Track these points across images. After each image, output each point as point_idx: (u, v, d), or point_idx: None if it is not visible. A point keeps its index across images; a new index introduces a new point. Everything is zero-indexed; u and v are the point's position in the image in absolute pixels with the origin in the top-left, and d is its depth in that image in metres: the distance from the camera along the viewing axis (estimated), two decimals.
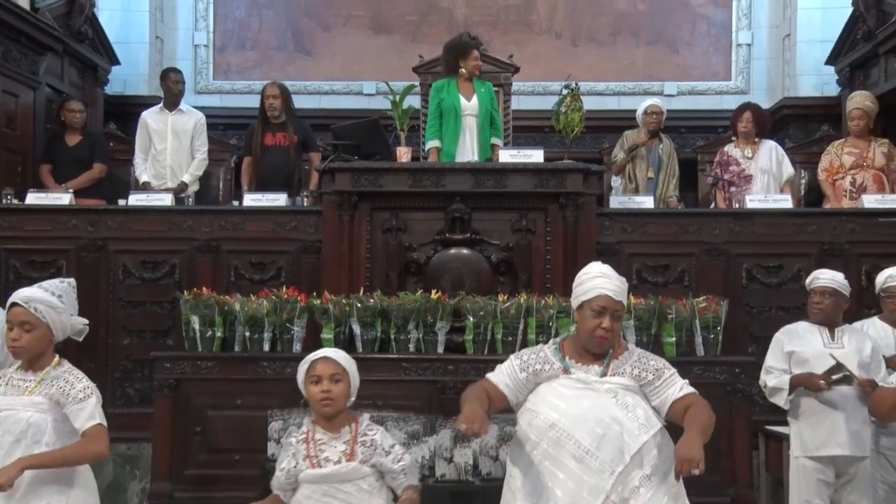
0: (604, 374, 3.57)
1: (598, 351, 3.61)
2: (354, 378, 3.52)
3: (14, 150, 8.42)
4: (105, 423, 3.74)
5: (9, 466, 3.49)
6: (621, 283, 3.63)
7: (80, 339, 3.94)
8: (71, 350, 6.01)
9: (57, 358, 3.81)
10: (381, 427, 3.57)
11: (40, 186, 7.89)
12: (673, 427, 3.52)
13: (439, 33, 9.50)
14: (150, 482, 5.65)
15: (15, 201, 7.32)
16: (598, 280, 3.60)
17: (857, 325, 5.54)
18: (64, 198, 7.36)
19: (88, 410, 3.69)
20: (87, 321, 3.94)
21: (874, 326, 5.55)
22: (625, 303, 3.63)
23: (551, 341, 3.80)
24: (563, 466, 3.40)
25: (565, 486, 3.38)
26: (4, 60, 8.20)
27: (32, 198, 7.30)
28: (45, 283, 3.83)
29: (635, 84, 10.60)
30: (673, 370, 3.62)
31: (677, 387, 3.56)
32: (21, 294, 3.72)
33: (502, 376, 3.66)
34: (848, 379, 4.93)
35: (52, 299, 3.72)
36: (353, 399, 3.53)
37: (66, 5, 9.32)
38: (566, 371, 3.59)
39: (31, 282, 6.82)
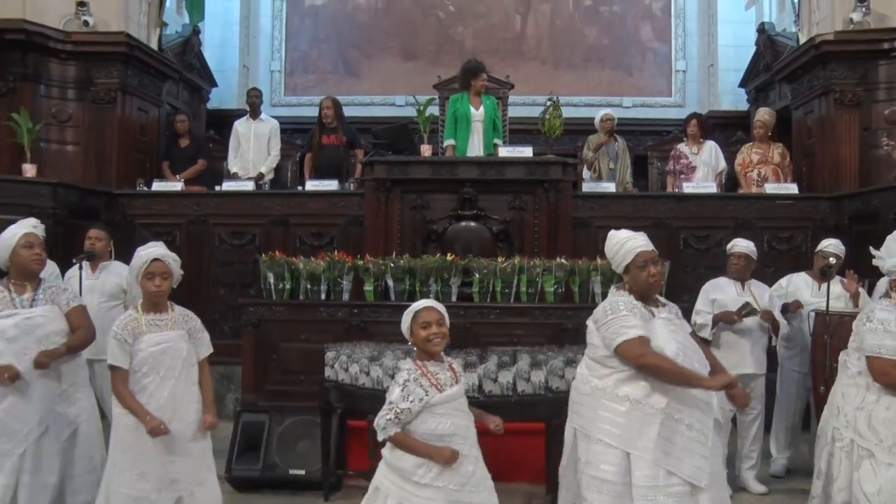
0: (670, 314, 3.42)
1: (656, 293, 3.45)
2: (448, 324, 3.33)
3: (144, 151, 8.50)
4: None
5: (212, 412, 3.76)
6: (642, 235, 3.45)
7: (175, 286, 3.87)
8: (184, 297, 6.09)
9: (169, 302, 3.79)
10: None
11: (162, 177, 7.95)
12: None
13: (453, 59, 9.37)
14: (241, 394, 5.64)
15: (145, 188, 7.54)
16: (628, 243, 3.39)
17: (787, 277, 5.73)
18: (177, 185, 7.59)
19: (206, 342, 3.86)
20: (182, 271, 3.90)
21: (800, 278, 5.66)
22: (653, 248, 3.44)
23: (625, 295, 3.38)
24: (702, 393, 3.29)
25: (697, 396, 3.26)
26: (139, 87, 8.36)
27: (156, 186, 7.57)
28: (151, 244, 3.81)
29: (601, 98, 10.47)
30: None
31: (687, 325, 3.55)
32: (158, 251, 3.69)
33: (642, 328, 3.26)
34: (754, 311, 5.12)
35: (173, 255, 3.77)
36: None
37: (181, 45, 9.45)
38: (653, 315, 3.35)
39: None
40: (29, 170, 6.89)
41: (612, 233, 3.52)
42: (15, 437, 3.71)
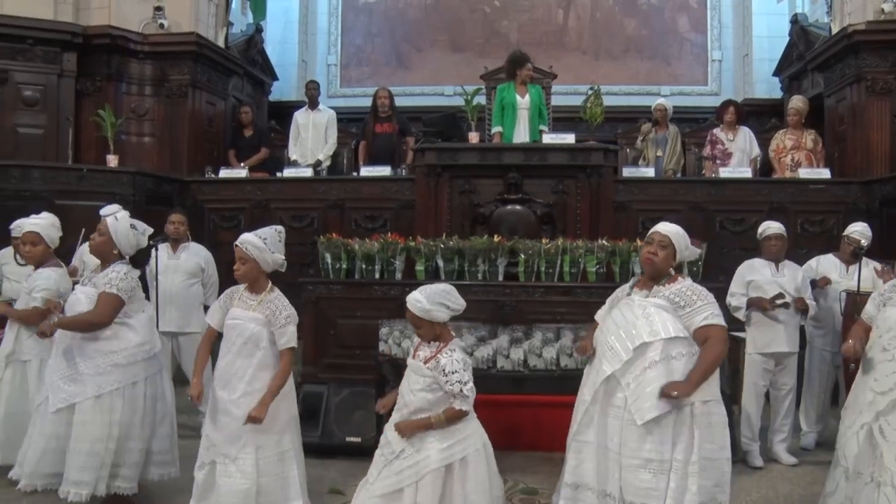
0: (647, 296, 3.33)
1: (647, 270, 3.39)
2: (435, 317, 3.20)
3: (212, 141, 8.62)
4: (296, 344, 3.65)
5: (260, 407, 3.46)
6: (672, 226, 3.43)
7: (283, 271, 3.73)
8: None
9: (270, 284, 3.69)
10: (457, 355, 3.20)
11: (228, 165, 7.99)
12: None
13: (499, 51, 9.28)
14: (302, 366, 5.58)
15: (213, 175, 7.60)
16: (654, 227, 3.47)
17: (816, 258, 5.54)
18: (242, 172, 7.62)
19: (287, 335, 3.60)
20: (284, 258, 3.71)
21: (828, 260, 5.48)
22: (673, 241, 3.35)
23: (634, 277, 3.65)
24: (599, 362, 3.30)
25: (592, 373, 3.29)
26: (208, 82, 8.51)
27: (223, 173, 7.61)
28: (260, 230, 3.69)
29: (640, 87, 10.37)
30: (705, 303, 3.23)
31: (701, 317, 3.19)
32: (240, 237, 3.64)
33: (599, 314, 3.57)
34: (786, 304, 4.96)
35: (257, 241, 3.59)
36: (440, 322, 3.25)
37: (245, 43, 9.56)
38: (629, 295, 3.40)
39: (223, 230, 7.18)
40: (112, 160, 7.08)
41: None
42: (39, 397, 3.89)
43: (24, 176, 6.55)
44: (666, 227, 3.42)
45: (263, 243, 3.60)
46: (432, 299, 3.19)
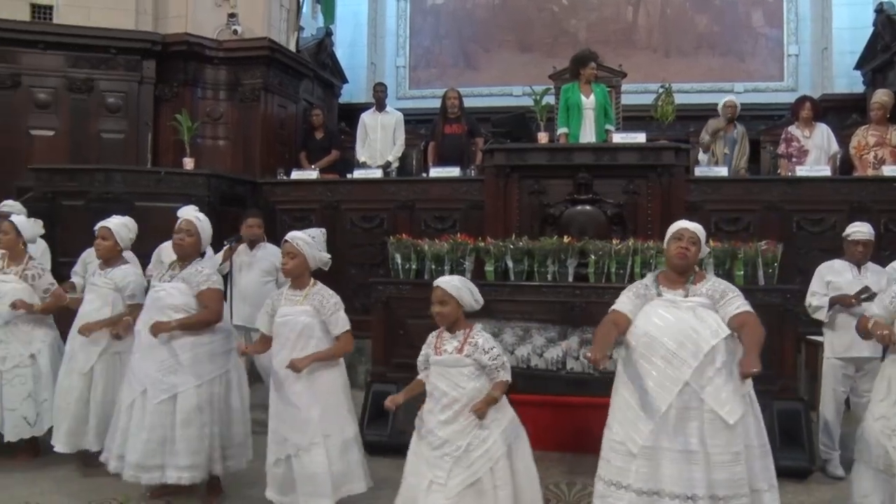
0: (686, 296, 3.34)
1: (679, 264, 3.39)
2: (462, 300, 3.33)
3: (284, 143, 8.81)
4: (349, 327, 3.85)
5: (304, 358, 3.68)
6: (695, 225, 3.50)
7: (326, 269, 3.97)
8: (322, 277, 6.24)
9: (313, 280, 3.89)
10: (487, 334, 3.36)
11: (299, 167, 8.13)
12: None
13: (567, 51, 9.15)
14: (371, 365, 5.70)
15: (284, 177, 7.70)
16: (676, 224, 3.53)
17: None
18: (313, 174, 7.70)
19: (340, 320, 3.81)
20: (330, 256, 3.98)
21: None
22: (699, 236, 3.43)
23: (650, 274, 3.56)
24: (654, 364, 3.23)
25: (655, 377, 3.22)
26: (280, 85, 8.70)
27: (295, 174, 7.70)
28: (308, 230, 3.96)
29: (712, 84, 10.17)
30: (735, 293, 3.32)
31: (734, 305, 3.27)
32: (289, 234, 3.89)
33: (624, 304, 3.47)
34: (872, 296, 4.69)
35: (306, 238, 3.85)
36: (464, 310, 3.36)
37: (315, 47, 9.74)
38: (659, 295, 3.39)
39: (294, 229, 7.23)
40: (188, 163, 7.31)
41: None
42: (131, 390, 4.04)
43: (107, 179, 6.81)
44: (693, 225, 3.50)
45: (312, 240, 3.85)
46: (462, 283, 3.37)
